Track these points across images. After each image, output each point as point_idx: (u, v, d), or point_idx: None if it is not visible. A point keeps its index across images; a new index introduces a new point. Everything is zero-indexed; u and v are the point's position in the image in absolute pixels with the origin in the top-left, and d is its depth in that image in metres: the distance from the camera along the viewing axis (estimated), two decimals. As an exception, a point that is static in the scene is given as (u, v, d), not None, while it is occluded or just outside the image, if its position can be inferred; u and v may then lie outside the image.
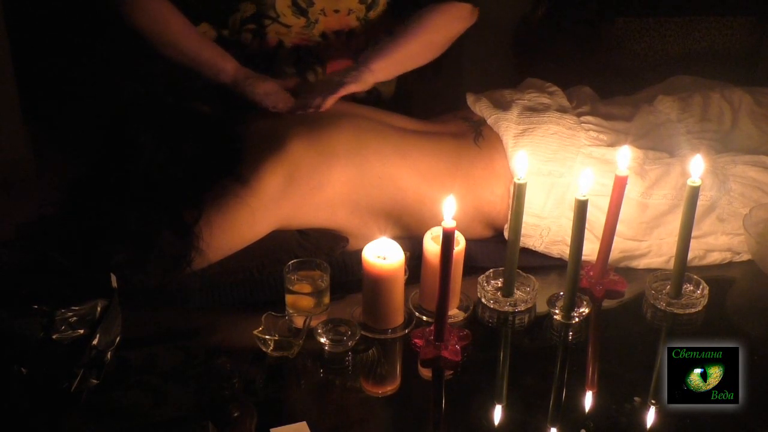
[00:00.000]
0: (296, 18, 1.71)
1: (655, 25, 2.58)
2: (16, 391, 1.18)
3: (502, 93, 1.75)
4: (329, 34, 1.76)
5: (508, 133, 1.63)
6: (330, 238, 1.58)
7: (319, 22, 1.74)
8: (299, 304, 1.40)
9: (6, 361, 1.18)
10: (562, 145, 1.61)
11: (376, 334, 1.40)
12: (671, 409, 1.26)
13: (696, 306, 1.48)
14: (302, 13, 1.71)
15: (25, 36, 3.14)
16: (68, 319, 1.21)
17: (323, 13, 1.73)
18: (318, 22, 1.73)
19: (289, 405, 1.29)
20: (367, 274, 1.37)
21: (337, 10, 1.73)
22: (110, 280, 1.30)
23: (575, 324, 1.44)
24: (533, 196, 1.57)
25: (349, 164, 1.55)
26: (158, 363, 1.33)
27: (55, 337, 1.20)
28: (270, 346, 1.34)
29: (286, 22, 1.72)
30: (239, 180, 1.49)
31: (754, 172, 1.62)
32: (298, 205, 1.53)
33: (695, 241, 1.54)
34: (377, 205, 1.58)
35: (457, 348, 1.35)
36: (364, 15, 1.78)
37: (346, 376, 1.34)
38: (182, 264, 1.42)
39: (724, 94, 1.77)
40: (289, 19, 1.71)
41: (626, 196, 1.50)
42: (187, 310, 1.46)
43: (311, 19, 1.72)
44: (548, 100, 1.72)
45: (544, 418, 1.27)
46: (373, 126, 1.62)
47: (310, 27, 1.73)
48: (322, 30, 1.75)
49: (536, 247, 1.61)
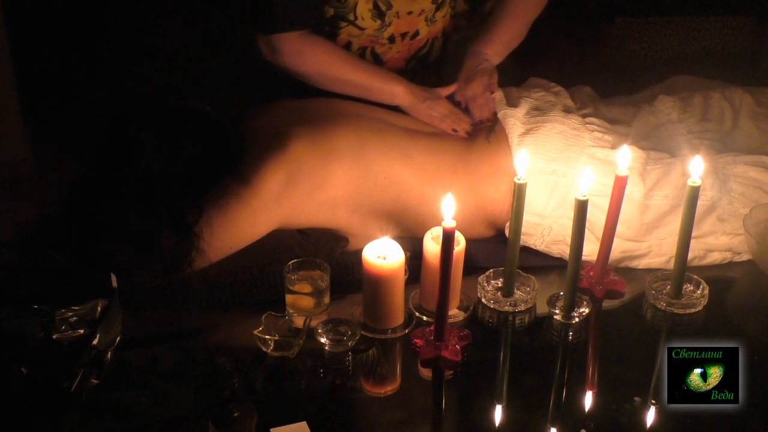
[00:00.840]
0: (373, 21, 1.72)
1: (655, 25, 2.57)
2: (16, 391, 1.18)
3: (510, 90, 1.76)
4: (396, 37, 1.78)
5: (514, 130, 1.63)
6: (330, 238, 1.58)
7: (392, 24, 1.75)
8: (299, 304, 1.40)
9: (6, 361, 1.18)
10: (567, 145, 1.61)
11: (376, 334, 1.40)
12: (671, 409, 1.26)
13: (696, 306, 1.48)
14: (380, 16, 1.72)
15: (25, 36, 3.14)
16: (68, 319, 1.21)
17: (397, 16, 1.74)
18: (390, 24, 1.75)
19: (289, 405, 1.29)
20: (367, 274, 1.37)
21: (411, 12, 1.75)
22: (110, 280, 1.30)
23: (575, 324, 1.44)
24: (536, 194, 1.57)
25: (351, 164, 1.55)
26: (158, 363, 1.33)
27: (55, 337, 1.20)
28: (270, 346, 1.34)
29: (362, 25, 1.73)
30: (240, 179, 1.49)
31: (755, 172, 1.62)
32: (299, 205, 1.53)
33: (695, 241, 1.54)
34: (378, 205, 1.58)
35: (457, 348, 1.35)
36: (432, 16, 1.80)
37: (346, 376, 1.34)
38: (183, 264, 1.42)
39: (724, 94, 1.77)
40: (366, 22, 1.72)
41: (627, 197, 1.50)
42: (187, 310, 1.46)
43: (386, 21, 1.73)
44: (554, 99, 1.72)
45: (544, 418, 1.27)
46: (374, 125, 1.62)
47: (382, 29, 1.74)
48: (391, 32, 1.77)
49: (537, 246, 1.61)
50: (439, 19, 1.83)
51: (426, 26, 1.80)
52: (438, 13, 1.80)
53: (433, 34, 1.85)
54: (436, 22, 1.82)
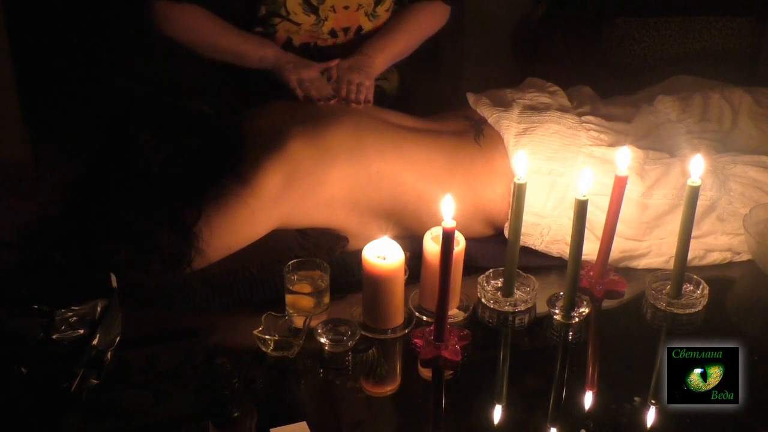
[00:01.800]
0: (306, 15, 1.74)
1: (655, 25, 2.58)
2: (16, 391, 1.18)
3: (504, 92, 1.76)
4: (338, 32, 1.78)
5: (509, 131, 1.63)
6: (330, 238, 1.58)
7: (329, 19, 1.76)
8: (299, 304, 1.40)
9: (6, 361, 1.18)
10: (564, 145, 1.61)
11: (376, 334, 1.40)
12: (671, 409, 1.26)
13: (696, 306, 1.48)
14: (313, 10, 1.73)
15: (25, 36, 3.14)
16: (68, 319, 1.21)
17: (333, 10, 1.75)
18: (327, 19, 1.76)
19: (289, 405, 1.29)
20: (367, 274, 1.37)
21: (347, 7, 1.76)
22: (110, 280, 1.30)
23: (575, 324, 1.44)
24: (534, 195, 1.57)
25: (349, 163, 1.55)
26: (158, 363, 1.33)
27: (55, 337, 1.20)
28: (270, 346, 1.34)
29: (296, 20, 1.74)
30: (239, 179, 1.49)
31: (755, 172, 1.62)
32: (298, 204, 1.53)
33: (695, 241, 1.54)
34: (377, 204, 1.58)
35: (457, 348, 1.35)
36: (372, 10, 1.80)
37: (346, 376, 1.34)
38: (182, 263, 1.42)
39: (724, 94, 1.77)
40: (299, 17, 1.74)
41: (626, 196, 1.50)
42: (187, 310, 1.46)
43: (321, 16, 1.74)
44: (549, 100, 1.72)
45: (544, 418, 1.27)
46: (372, 124, 1.62)
47: (319, 24, 1.75)
48: (331, 27, 1.78)
49: (536, 246, 1.61)
50: (382, 14, 1.83)
51: (369, 21, 1.81)
52: (379, 8, 1.81)
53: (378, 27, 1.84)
54: (379, 17, 1.82)
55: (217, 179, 1.50)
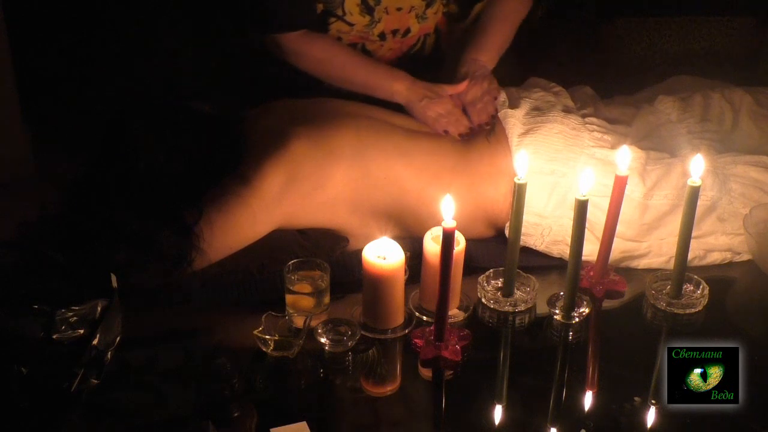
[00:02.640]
0: (362, 16, 1.73)
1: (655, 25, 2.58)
2: (16, 391, 1.18)
3: (510, 90, 1.76)
4: (387, 34, 1.78)
5: (513, 130, 1.63)
6: (330, 238, 1.58)
7: (381, 21, 1.75)
8: (299, 304, 1.40)
9: (6, 361, 1.18)
10: (566, 145, 1.61)
11: (376, 334, 1.40)
12: (671, 409, 1.26)
13: (696, 306, 1.48)
14: (369, 11, 1.72)
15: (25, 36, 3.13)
16: (68, 319, 1.21)
17: (386, 12, 1.75)
18: (380, 21, 1.75)
19: (289, 405, 1.29)
20: (367, 274, 1.37)
21: (400, 8, 1.75)
22: (110, 280, 1.30)
23: (575, 324, 1.44)
24: (535, 195, 1.57)
25: (351, 164, 1.55)
26: (158, 363, 1.33)
27: (55, 337, 1.20)
28: (270, 346, 1.34)
29: (351, 20, 1.73)
30: (240, 179, 1.49)
31: (755, 172, 1.62)
32: (299, 205, 1.53)
33: (695, 241, 1.54)
34: (378, 205, 1.58)
35: (457, 348, 1.35)
36: (422, 12, 1.80)
37: (346, 376, 1.34)
38: (183, 264, 1.42)
39: (724, 94, 1.77)
40: (354, 18, 1.73)
41: (627, 197, 1.50)
42: (187, 310, 1.46)
43: (375, 17, 1.73)
44: (554, 99, 1.72)
45: (544, 418, 1.27)
46: (375, 125, 1.62)
47: (371, 26, 1.74)
48: (381, 29, 1.77)
49: (537, 247, 1.61)
50: (430, 16, 1.83)
51: (417, 23, 1.80)
52: (429, 10, 1.80)
53: (425, 31, 1.85)
54: (427, 19, 1.82)
55: (219, 179, 1.50)
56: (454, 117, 1.68)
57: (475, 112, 1.69)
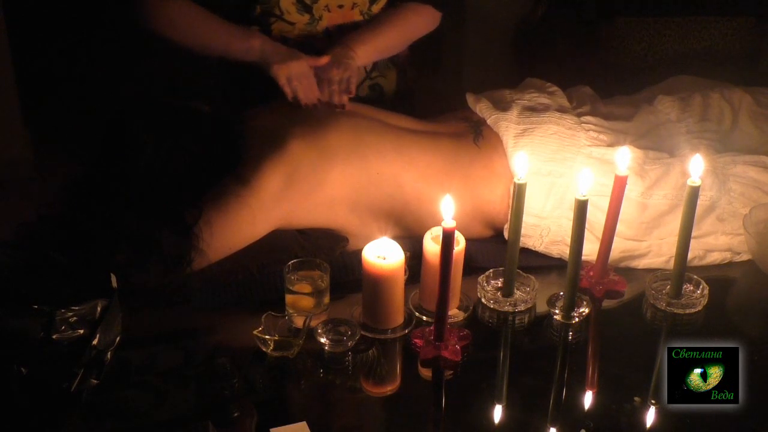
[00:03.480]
0: (300, 15, 1.71)
1: (655, 25, 2.58)
2: (16, 391, 1.18)
3: (502, 93, 1.76)
4: (333, 30, 1.76)
5: (508, 133, 1.63)
6: (330, 238, 1.58)
7: (323, 18, 1.73)
8: (299, 304, 1.40)
9: (6, 361, 1.18)
10: (562, 145, 1.61)
11: (376, 334, 1.40)
12: (671, 409, 1.26)
13: (696, 306, 1.48)
14: (306, 9, 1.70)
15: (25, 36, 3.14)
16: (68, 319, 1.21)
17: (327, 9, 1.73)
18: (322, 18, 1.73)
19: (289, 405, 1.29)
20: (367, 274, 1.37)
21: (341, 6, 1.73)
22: (110, 280, 1.30)
23: (575, 324, 1.44)
24: (533, 196, 1.57)
25: (349, 164, 1.55)
26: (158, 363, 1.33)
27: (55, 337, 1.20)
28: (270, 346, 1.34)
29: (290, 19, 1.71)
30: (239, 179, 1.49)
31: (755, 172, 1.62)
32: (298, 205, 1.53)
33: (695, 241, 1.54)
34: (377, 205, 1.58)
35: (457, 348, 1.35)
36: (367, 9, 1.78)
37: (346, 376, 1.34)
38: (183, 264, 1.42)
39: (724, 94, 1.77)
40: (293, 17, 1.71)
41: (626, 196, 1.50)
42: (187, 310, 1.46)
43: (315, 15, 1.72)
44: (548, 100, 1.72)
45: (544, 418, 1.27)
46: (372, 125, 1.62)
47: (313, 24, 1.72)
48: (325, 26, 1.75)
49: (536, 248, 1.61)
50: (377, 13, 1.80)
51: (364, 20, 1.78)
52: (374, 6, 1.78)
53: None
54: (371, 13, 1.79)
55: (218, 179, 1.50)
56: (307, 82, 1.63)
57: (327, 91, 1.64)
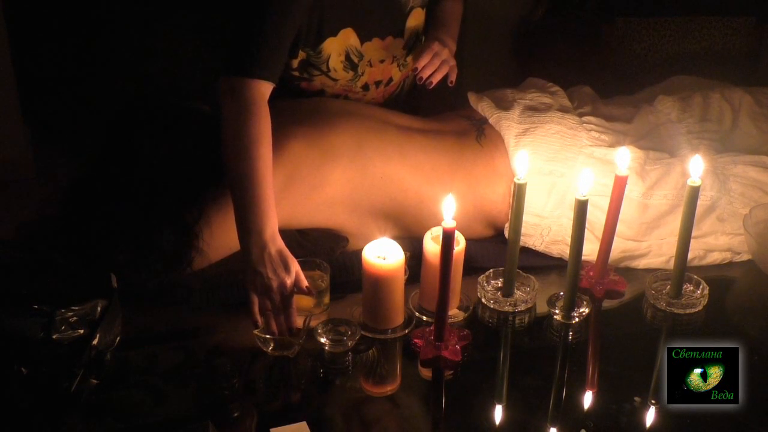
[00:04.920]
0: (346, 72, 1.69)
1: (655, 25, 2.58)
2: (16, 391, 1.18)
3: (504, 92, 1.76)
4: (371, 85, 1.75)
5: (509, 132, 1.63)
6: (330, 238, 1.58)
7: (365, 74, 1.72)
8: (299, 304, 1.40)
9: (6, 361, 1.18)
10: (564, 145, 1.61)
11: (376, 334, 1.40)
12: (671, 409, 1.26)
13: (696, 306, 1.48)
14: (353, 67, 1.68)
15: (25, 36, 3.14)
16: (68, 319, 1.21)
17: (369, 65, 1.70)
18: (364, 74, 1.72)
19: (289, 405, 1.29)
20: (367, 274, 1.37)
21: (383, 60, 1.71)
22: (110, 280, 1.30)
23: (575, 324, 1.44)
24: (534, 195, 1.57)
25: (350, 164, 1.55)
26: (158, 363, 1.33)
27: (55, 337, 1.20)
28: (270, 345, 1.34)
29: (335, 76, 1.69)
30: (239, 180, 1.49)
31: (755, 172, 1.62)
32: (298, 205, 1.53)
33: (695, 241, 1.54)
34: (378, 205, 1.58)
35: (457, 348, 1.35)
36: (403, 60, 1.76)
37: (346, 376, 1.34)
38: (183, 264, 1.42)
39: (724, 94, 1.78)
40: (339, 74, 1.69)
41: (627, 197, 1.50)
42: (187, 310, 1.46)
43: (359, 72, 1.70)
44: (550, 100, 1.72)
45: (544, 418, 1.27)
46: (373, 125, 1.62)
47: (355, 80, 1.71)
48: (365, 81, 1.73)
49: (536, 247, 1.61)
50: (409, 63, 1.78)
51: (399, 71, 1.78)
52: (408, 57, 1.77)
53: (405, 76, 1.82)
54: (408, 65, 1.79)
55: (218, 179, 1.50)
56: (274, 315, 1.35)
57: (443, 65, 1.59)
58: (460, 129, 1.69)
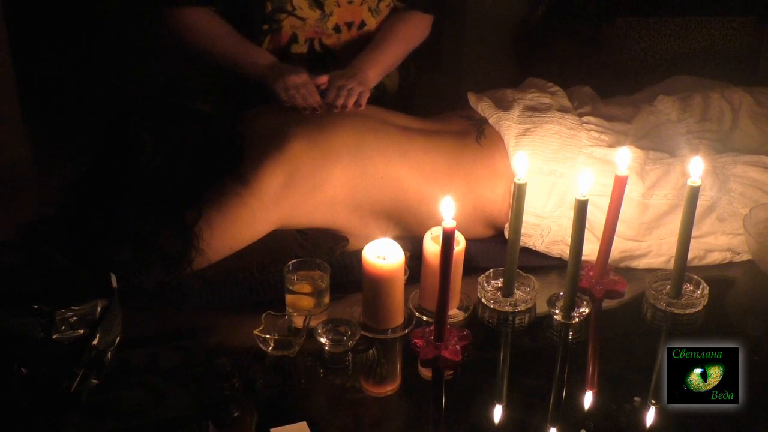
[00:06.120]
0: (312, 10, 1.75)
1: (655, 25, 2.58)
2: (16, 391, 1.18)
3: (504, 92, 1.76)
4: (342, 26, 1.79)
5: (509, 132, 1.63)
6: (330, 238, 1.58)
7: (333, 14, 1.77)
8: (299, 304, 1.40)
9: (6, 361, 1.18)
10: (564, 145, 1.61)
11: (376, 334, 1.40)
12: (671, 409, 1.26)
13: (696, 306, 1.48)
14: (318, 5, 1.74)
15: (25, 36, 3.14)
16: (68, 319, 1.21)
17: (337, 5, 1.77)
18: (332, 14, 1.77)
19: (289, 405, 1.29)
20: (367, 274, 1.37)
21: (351, 1, 1.77)
22: (110, 280, 1.30)
23: (575, 324, 1.44)
24: (534, 195, 1.57)
25: (350, 164, 1.55)
26: (158, 363, 1.33)
27: (55, 337, 1.20)
28: (270, 345, 1.34)
29: (301, 15, 1.75)
30: (239, 179, 1.49)
31: (755, 172, 1.62)
32: (299, 205, 1.53)
33: (695, 241, 1.54)
34: (378, 205, 1.58)
35: (457, 348, 1.35)
36: (376, 5, 1.81)
37: (346, 376, 1.34)
38: (183, 264, 1.42)
39: (724, 94, 1.78)
40: (304, 12, 1.75)
41: (627, 197, 1.50)
42: (187, 310, 1.46)
43: (326, 11, 1.75)
44: (550, 100, 1.72)
45: (544, 418, 1.27)
46: (374, 125, 1.62)
47: (324, 19, 1.77)
48: (335, 22, 1.79)
49: (536, 247, 1.61)
50: (384, 10, 1.85)
51: (372, 17, 1.83)
52: (381, 3, 1.83)
53: (379, 23, 1.86)
54: (381, 12, 1.84)
55: (218, 179, 1.50)
56: (305, 90, 1.65)
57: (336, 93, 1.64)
58: (460, 129, 1.69)
